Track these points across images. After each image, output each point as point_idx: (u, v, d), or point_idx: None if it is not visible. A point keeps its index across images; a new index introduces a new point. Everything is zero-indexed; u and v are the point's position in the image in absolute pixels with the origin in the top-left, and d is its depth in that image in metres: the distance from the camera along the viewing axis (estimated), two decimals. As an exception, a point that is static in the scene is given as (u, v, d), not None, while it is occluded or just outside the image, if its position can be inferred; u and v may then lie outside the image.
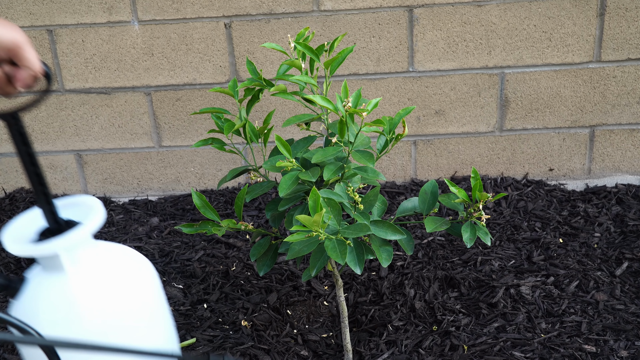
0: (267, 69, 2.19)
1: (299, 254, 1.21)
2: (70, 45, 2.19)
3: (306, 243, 1.22)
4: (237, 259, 1.91)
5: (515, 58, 2.16)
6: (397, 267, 1.86)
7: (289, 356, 1.60)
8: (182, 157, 2.33)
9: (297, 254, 1.22)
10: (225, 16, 2.15)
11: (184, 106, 2.25)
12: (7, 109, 1.03)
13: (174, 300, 1.76)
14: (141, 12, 2.15)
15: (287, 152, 1.29)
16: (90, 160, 2.34)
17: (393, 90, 2.21)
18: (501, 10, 2.10)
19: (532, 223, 2.04)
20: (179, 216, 2.22)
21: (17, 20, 2.16)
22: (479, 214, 1.31)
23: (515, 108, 2.22)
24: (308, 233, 1.15)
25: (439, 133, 2.26)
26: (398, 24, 2.13)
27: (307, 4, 2.12)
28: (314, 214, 1.13)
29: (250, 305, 1.73)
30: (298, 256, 1.22)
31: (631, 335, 1.57)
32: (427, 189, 1.37)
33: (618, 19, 2.10)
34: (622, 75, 2.17)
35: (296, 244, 1.23)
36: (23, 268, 1.90)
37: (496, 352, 1.53)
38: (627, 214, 2.06)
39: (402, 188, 2.27)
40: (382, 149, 1.35)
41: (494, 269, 1.82)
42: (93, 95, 2.25)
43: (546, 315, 1.65)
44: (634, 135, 2.24)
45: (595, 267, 1.83)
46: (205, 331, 1.64)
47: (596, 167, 2.29)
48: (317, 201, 1.13)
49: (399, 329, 1.65)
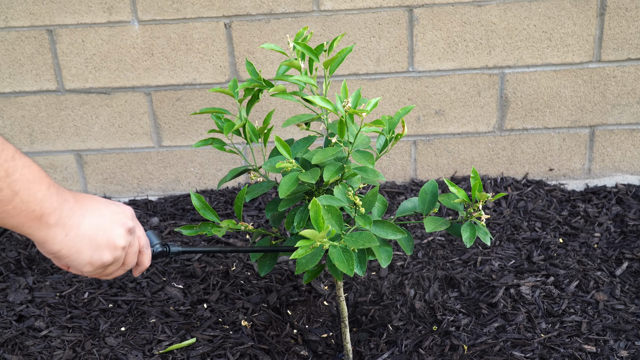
0: (268, 69, 2.19)
1: (306, 267, 1.21)
2: (70, 45, 2.19)
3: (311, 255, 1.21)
4: (237, 259, 1.91)
5: (515, 58, 2.16)
6: (397, 267, 1.86)
7: (289, 356, 1.61)
8: (182, 157, 2.33)
9: (304, 268, 1.21)
10: (225, 16, 2.15)
11: (184, 106, 2.25)
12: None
13: (174, 300, 1.76)
14: (141, 12, 2.15)
15: (287, 153, 1.29)
16: (90, 160, 2.34)
17: (393, 90, 2.21)
18: (501, 10, 2.10)
19: (532, 223, 2.04)
20: (179, 216, 2.22)
21: (17, 20, 2.16)
22: (478, 214, 1.31)
23: (515, 108, 2.22)
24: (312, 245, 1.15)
25: (439, 133, 2.26)
26: (398, 24, 2.13)
27: (307, 4, 2.12)
28: (315, 224, 1.12)
29: (250, 305, 1.73)
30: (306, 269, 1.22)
31: (631, 335, 1.57)
32: (427, 189, 1.37)
33: (618, 18, 2.10)
34: (622, 75, 2.17)
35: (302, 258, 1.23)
36: (23, 268, 1.91)
37: (496, 352, 1.53)
38: (627, 214, 2.06)
39: (402, 188, 2.27)
40: (381, 148, 1.35)
41: (494, 269, 1.82)
42: (93, 95, 2.25)
43: (546, 315, 1.65)
44: (634, 135, 2.24)
45: (595, 267, 1.83)
46: (205, 331, 1.64)
47: (596, 167, 2.29)
48: (318, 212, 1.12)
49: (399, 329, 1.65)
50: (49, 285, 1.81)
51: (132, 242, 1.10)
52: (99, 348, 1.58)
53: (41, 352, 1.56)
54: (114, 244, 1.05)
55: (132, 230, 1.09)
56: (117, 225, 1.05)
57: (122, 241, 1.06)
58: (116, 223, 1.06)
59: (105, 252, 1.04)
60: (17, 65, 2.22)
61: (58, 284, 1.82)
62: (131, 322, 1.68)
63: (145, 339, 1.61)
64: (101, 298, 1.76)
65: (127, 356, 1.54)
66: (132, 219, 1.10)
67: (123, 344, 1.59)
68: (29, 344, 1.58)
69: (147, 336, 1.62)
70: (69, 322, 1.67)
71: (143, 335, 1.62)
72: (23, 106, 2.27)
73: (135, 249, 1.11)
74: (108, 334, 1.63)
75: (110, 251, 1.04)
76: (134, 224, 1.10)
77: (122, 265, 1.10)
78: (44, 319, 1.68)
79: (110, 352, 1.56)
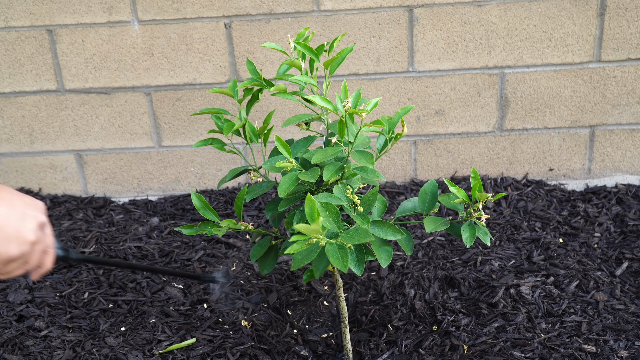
0: (268, 69, 2.19)
1: (303, 263, 1.21)
2: (70, 45, 2.19)
3: (308, 251, 1.21)
4: (237, 259, 1.91)
5: (515, 58, 2.16)
6: (397, 267, 1.86)
7: (289, 356, 1.61)
8: (182, 157, 2.33)
9: (301, 264, 1.21)
10: (225, 16, 2.15)
11: (184, 106, 2.25)
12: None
13: (174, 300, 1.76)
14: (141, 12, 2.15)
15: (287, 152, 1.29)
16: (90, 160, 2.34)
17: (393, 90, 2.21)
18: (501, 10, 2.10)
19: (532, 223, 2.04)
20: (179, 216, 2.22)
21: (17, 20, 2.16)
22: (478, 214, 1.31)
23: (515, 108, 2.22)
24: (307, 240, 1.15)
25: (438, 133, 2.26)
26: (398, 24, 2.13)
27: (307, 4, 2.12)
28: (310, 220, 1.12)
29: (250, 305, 1.73)
30: (302, 265, 1.22)
31: (631, 335, 1.57)
32: (426, 189, 1.37)
33: (618, 18, 2.10)
34: (622, 75, 2.17)
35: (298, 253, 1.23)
36: (23, 268, 1.91)
37: (496, 352, 1.52)
38: (627, 214, 2.06)
39: (402, 188, 2.27)
40: (381, 148, 1.35)
41: (494, 269, 1.82)
42: (93, 95, 2.25)
43: (546, 315, 1.65)
44: (634, 135, 2.24)
45: (595, 267, 1.83)
46: (205, 331, 1.64)
47: (596, 167, 2.29)
48: (313, 208, 1.12)
49: (399, 329, 1.65)
50: (49, 285, 1.81)
51: (40, 239, 1.02)
52: (99, 348, 1.58)
53: (41, 352, 1.56)
54: (24, 237, 0.98)
55: (43, 226, 1.02)
56: (29, 218, 0.99)
57: (32, 235, 0.99)
58: (28, 216, 0.99)
59: (13, 245, 0.96)
60: (17, 65, 2.22)
61: (58, 284, 1.82)
62: (131, 322, 1.68)
63: (145, 339, 1.61)
64: (101, 298, 1.76)
65: (127, 356, 1.54)
66: (44, 213, 1.03)
67: (123, 344, 1.59)
68: (29, 344, 1.58)
69: (147, 336, 1.62)
70: (69, 322, 1.67)
71: (143, 335, 1.62)
72: (23, 106, 2.27)
73: (42, 247, 1.03)
74: (108, 334, 1.63)
75: (19, 245, 0.97)
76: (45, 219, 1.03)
77: (25, 262, 1.01)
78: (44, 319, 1.68)
79: (110, 352, 1.56)
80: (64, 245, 1.39)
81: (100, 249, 1.97)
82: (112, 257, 1.94)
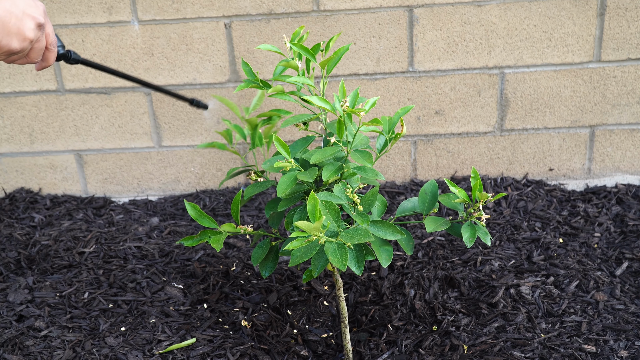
0: (268, 69, 2.19)
1: (301, 260, 1.21)
2: (70, 45, 2.19)
3: (307, 248, 1.22)
4: (237, 259, 1.91)
5: (515, 58, 2.16)
6: (397, 267, 1.86)
7: (289, 356, 1.61)
8: (182, 157, 2.33)
9: (299, 260, 1.21)
10: (225, 16, 2.15)
11: (184, 106, 2.26)
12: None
13: (174, 300, 1.76)
14: (141, 12, 2.15)
15: (286, 152, 1.29)
16: (90, 160, 2.34)
17: (393, 90, 2.21)
18: (501, 10, 2.10)
19: (532, 223, 2.04)
20: (179, 216, 2.22)
21: (17, 21, 2.16)
22: (478, 214, 1.31)
23: (515, 108, 2.22)
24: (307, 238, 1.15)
25: (438, 133, 2.26)
26: (398, 24, 2.13)
27: (307, 4, 2.12)
28: (312, 218, 1.13)
29: (250, 305, 1.73)
30: (300, 262, 1.22)
31: (631, 335, 1.57)
32: (426, 189, 1.37)
33: (618, 18, 2.10)
34: (622, 75, 2.16)
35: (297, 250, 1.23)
36: (23, 268, 1.91)
37: (496, 352, 1.52)
38: (627, 214, 2.06)
39: (402, 188, 2.27)
40: (381, 148, 1.35)
41: (494, 269, 1.82)
42: (93, 95, 2.26)
43: (546, 315, 1.65)
44: (634, 135, 2.24)
45: (595, 267, 1.83)
46: (205, 331, 1.64)
47: (596, 167, 2.29)
48: (315, 206, 1.12)
49: (399, 329, 1.65)
50: (49, 285, 1.81)
51: (40, 38, 1.16)
52: (99, 348, 1.58)
53: (41, 352, 1.56)
54: (24, 34, 1.11)
55: (42, 27, 1.15)
56: (28, 17, 1.11)
57: (31, 34, 1.12)
58: (28, 15, 1.11)
59: (14, 39, 1.10)
60: (17, 65, 2.22)
61: (58, 284, 1.82)
62: (131, 322, 1.68)
63: (145, 339, 1.61)
64: (101, 298, 1.76)
65: (127, 356, 1.55)
66: (43, 15, 1.16)
67: (123, 344, 1.59)
68: (29, 344, 1.58)
69: (147, 336, 1.62)
70: (69, 322, 1.67)
71: (143, 335, 1.62)
72: (23, 106, 2.27)
73: (42, 45, 1.18)
74: (108, 334, 1.63)
75: (19, 41, 1.11)
76: (44, 21, 1.16)
77: (26, 57, 1.17)
78: (44, 319, 1.68)
79: (110, 352, 1.56)
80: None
81: (100, 248, 1.97)
82: (112, 257, 1.94)
